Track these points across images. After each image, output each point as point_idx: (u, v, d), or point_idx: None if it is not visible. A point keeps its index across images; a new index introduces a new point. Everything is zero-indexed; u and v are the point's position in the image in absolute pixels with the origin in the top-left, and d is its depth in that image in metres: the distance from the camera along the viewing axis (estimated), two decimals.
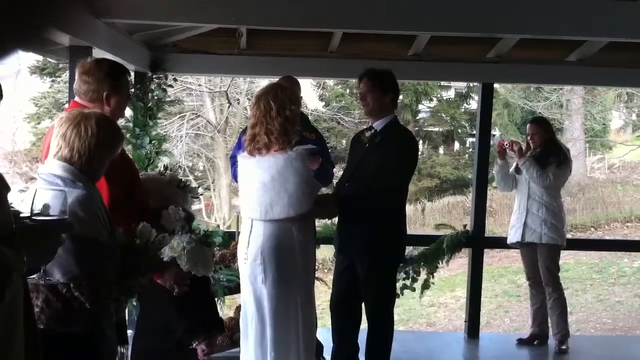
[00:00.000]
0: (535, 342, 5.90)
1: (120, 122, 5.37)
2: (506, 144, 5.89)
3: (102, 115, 2.76)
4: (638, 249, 10.60)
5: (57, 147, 2.64)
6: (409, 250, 5.86)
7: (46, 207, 2.17)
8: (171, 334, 3.35)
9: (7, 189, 2.03)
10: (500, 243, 6.13)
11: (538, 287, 5.90)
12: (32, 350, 2.08)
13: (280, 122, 3.77)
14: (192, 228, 3.34)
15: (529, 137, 5.87)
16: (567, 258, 12.73)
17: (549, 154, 5.71)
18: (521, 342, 5.96)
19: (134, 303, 4.94)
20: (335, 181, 5.21)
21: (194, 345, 3.40)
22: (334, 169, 5.16)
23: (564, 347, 5.75)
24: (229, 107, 16.87)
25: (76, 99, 3.27)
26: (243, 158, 3.95)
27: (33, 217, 2.15)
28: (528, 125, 5.99)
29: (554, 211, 5.74)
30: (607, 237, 15.71)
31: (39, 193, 2.21)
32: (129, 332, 5.51)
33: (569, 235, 14.70)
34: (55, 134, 2.67)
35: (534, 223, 5.73)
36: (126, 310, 5.31)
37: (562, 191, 5.98)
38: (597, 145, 22.70)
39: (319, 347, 5.04)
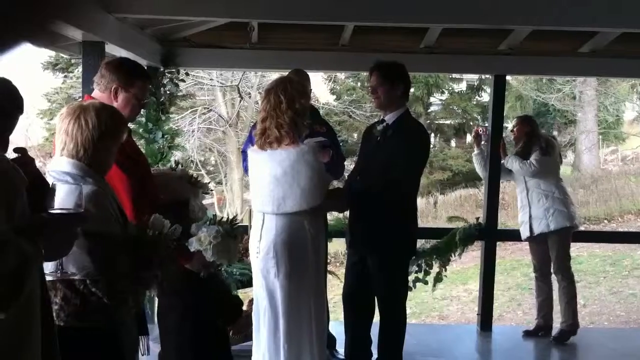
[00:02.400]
0: (540, 334, 5.94)
1: None
2: (481, 130, 6.09)
3: (100, 105, 2.76)
4: None
5: (62, 143, 2.65)
6: (422, 243, 5.87)
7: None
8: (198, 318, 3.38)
9: (24, 182, 2.05)
10: (513, 235, 6.13)
11: (545, 279, 5.97)
12: (48, 341, 2.10)
13: (290, 116, 3.77)
14: (216, 217, 3.39)
15: (512, 134, 6.05)
16: (580, 250, 12.70)
17: (530, 145, 5.85)
18: (527, 333, 6.01)
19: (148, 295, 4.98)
20: (346, 174, 5.21)
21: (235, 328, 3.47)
22: (345, 162, 5.16)
23: (563, 338, 5.74)
24: (240, 101, 16.89)
25: (93, 94, 3.30)
26: (253, 152, 3.95)
27: (49, 211, 2.16)
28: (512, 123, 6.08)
29: (555, 197, 5.81)
30: (621, 229, 15.62)
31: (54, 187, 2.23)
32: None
33: (582, 227, 14.64)
34: (58, 130, 2.68)
35: (538, 214, 5.80)
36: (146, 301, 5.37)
37: (561, 176, 6.10)
38: (610, 137, 22.58)
39: (332, 339, 5.06)
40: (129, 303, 2.67)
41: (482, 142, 6.09)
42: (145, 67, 5.50)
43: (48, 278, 2.37)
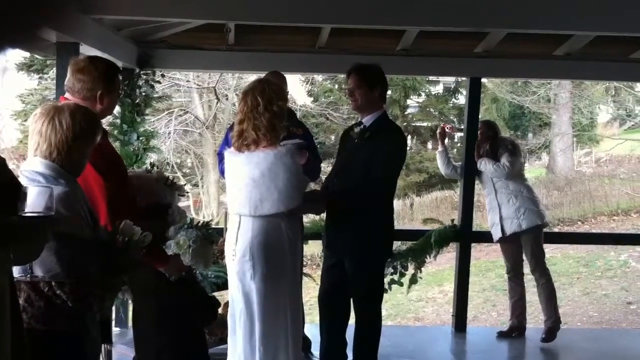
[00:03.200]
0: (514, 335, 6.00)
1: (108, 118, 5.39)
2: (448, 128, 6.24)
3: (75, 107, 2.74)
4: (625, 242, 10.67)
5: (35, 144, 2.63)
6: (397, 245, 5.89)
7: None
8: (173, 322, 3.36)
9: None
10: (487, 237, 6.17)
11: (518, 279, 6.04)
12: (18, 348, 2.07)
13: (267, 118, 3.77)
14: (194, 221, 3.37)
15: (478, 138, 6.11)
16: (554, 252, 12.82)
17: (497, 147, 5.95)
18: (501, 334, 6.06)
19: (121, 300, 4.94)
20: (323, 177, 5.21)
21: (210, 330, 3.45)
22: (322, 164, 5.16)
23: (552, 336, 5.81)
24: (217, 103, 16.83)
25: (67, 95, 3.26)
26: (230, 154, 3.94)
27: (20, 214, 2.14)
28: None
29: (524, 196, 5.90)
30: (594, 231, 15.79)
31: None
32: (116, 329, 5.54)
33: (556, 229, 14.76)
34: (31, 131, 2.65)
35: (509, 214, 5.87)
36: (113, 308, 5.32)
37: (528, 179, 6.26)
38: (584, 139, 22.79)
39: (307, 342, 5.06)
40: (93, 308, 2.64)
41: (447, 140, 6.23)
42: (121, 69, 5.47)
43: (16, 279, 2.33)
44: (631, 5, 4.86)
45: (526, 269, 6.08)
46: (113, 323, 5.47)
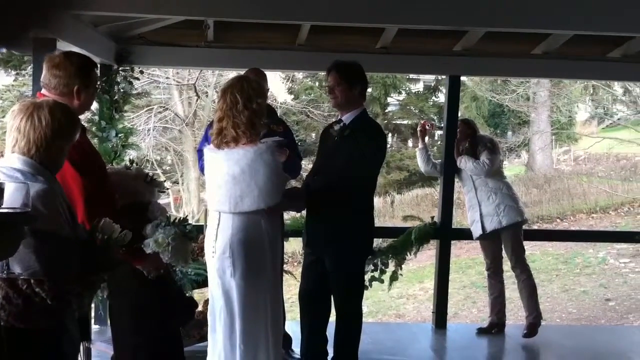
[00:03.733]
0: (494, 331, 6.04)
1: (86, 115, 5.35)
2: (428, 125, 6.24)
3: (54, 103, 2.71)
4: (603, 239, 10.81)
5: (13, 140, 2.60)
6: (378, 242, 5.90)
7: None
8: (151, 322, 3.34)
9: None
10: (467, 234, 6.20)
11: (497, 276, 6.08)
12: None
13: (247, 116, 3.76)
14: (171, 218, 3.35)
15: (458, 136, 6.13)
16: (533, 249, 12.92)
17: (476, 144, 5.98)
18: (480, 331, 6.09)
19: (100, 297, 4.91)
20: (304, 174, 5.21)
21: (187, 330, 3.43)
22: (303, 162, 5.16)
23: (533, 332, 5.86)
24: (197, 100, 16.76)
25: (43, 91, 3.23)
26: (210, 151, 3.92)
27: None
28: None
29: (504, 193, 5.95)
30: (573, 228, 15.93)
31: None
32: (96, 327, 5.51)
33: (535, 226, 14.88)
34: (9, 127, 2.62)
35: (489, 211, 5.91)
36: (92, 306, 5.29)
37: (507, 176, 6.30)
38: (563, 137, 22.98)
39: (288, 339, 5.06)
40: (72, 306, 2.62)
41: (427, 138, 6.24)
42: (98, 64, 5.43)
43: None
44: (608, 5, 4.91)
45: (506, 266, 6.12)
46: (92, 321, 5.45)
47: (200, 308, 5.23)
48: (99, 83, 5.33)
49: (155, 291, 3.27)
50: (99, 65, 5.28)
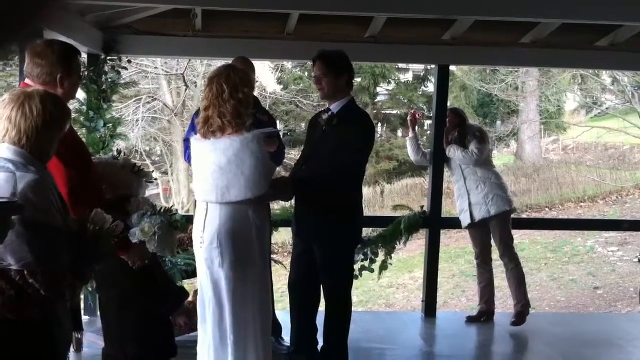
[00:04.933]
0: (482, 319, 6.06)
1: (74, 104, 5.32)
2: (418, 114, 6.24)
3: (45, 93, 2.70)
4: (591, 228, 10.86)
5: (3, 130, 2.58)
6: (368, 231, 5.91)
7: None
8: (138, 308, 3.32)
9: None
10: (456, 223, 6.22)
11: (486, 265, 6.10)
12: None
13: (232, 105, 3.74)
14: (156, 207, 3.33)
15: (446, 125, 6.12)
16: (522, 238, 12.98)
17: (465, 134, 5.99)
18: (470, 319, 6.12)
19: (89, 288, 4.90)
20: (292, 163, 5.20)
21: (175, 318, 3.42)
22: (292, 152, 5.15)
23: (521, 320, 5.89)
24: (185, 89, 16.70)
25: (27, 81, 3.21)
26: (196, 140, 3.90)
27: None
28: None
29: (492, 182, 5.96)
30: (561, 217, 16.01)
31: None
32: (85, 317, 5.50)
33: (524, 215, 14.92)
34: None
35: (478, 200, 5.93)
36: (82, 296, 5.27)
37: (496, 165, 6.31)
38: (551, 126, 23.06)
39: (278, 328, 5.06)
40: (65, 297, 2.62)
41: (416, 127, 6.24)
42: (86, 54, 5.40)
43: None
44: None
45: (494, 254, 6.14)
46: (82, 311, 5.44)
47: (190, 298, 5.24)
48: (85, 72, 5.30)
49: (141, 281, 3.26)
50: (84, 54, 5.26)
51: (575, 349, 5.55)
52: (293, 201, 4.69)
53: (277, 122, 5.39)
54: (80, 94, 5.53)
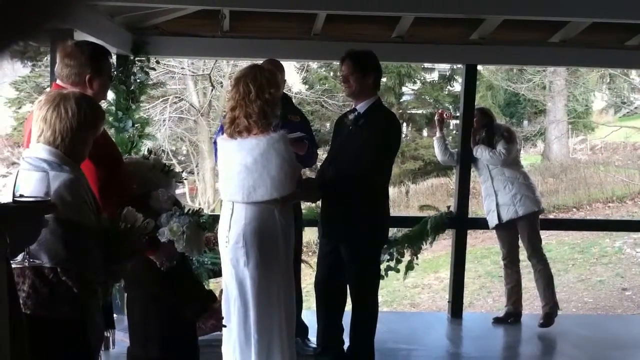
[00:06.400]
0: (510, 321, 6.02)
1: (103, 105, 5.36)
2: (446, 115, 6.24)
3: (80, 95, 2.74)
4: (619, 229, 10.69)
5: (39, 131, 2.63)
6: (393, 232, 5.90)
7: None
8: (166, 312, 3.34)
9: None
10: (483, 224, 6.18)
11: (514, 266, 6.06)
12: (17, 334, 2.07)
13: (259, 106, 3.75)
14: (185, 209, 3.35)
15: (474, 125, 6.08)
16: (549, 238, 12.85)
17: (493, 134, 5.95)
18: (497, 320, 6.08)
19: (117, 287, 4.94)
20: (319, 163, 5.21)
21: (201, 322, 3.43)
22: (318, 152, 5.15)
23: (550, 321, 5.84)
24: (212, 90, 16.79)
25: (58, 82, 3.25)
26: (223, 141, 3.92)
27: (15, 199, 2.14)
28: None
29: (521, 182, 5.92)
30: (589, 217, 15.83)
31: (21, 175, 2.20)
32: (115, 315, 5.54)
33: (551, 216, 14.77)
34: (35, 118, 2.65)
35: (506, 201, 5.88)
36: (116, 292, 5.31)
37: (524, 166, 6.24)
38: (579, 126, 22.82)
39: (304, 329, 5.07)
40: (97, 294, 2.65)
41: (444, 128, 6.22)
42: (115, 55, 5.45)
43: (15, 266, 2.33)
44: None
45: (522, 255, 6.10)
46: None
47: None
48: (115, 73, 5.36)
49: (168, 282, 3.27)
50: (114, 55, 5.31)
51: (603, 351, 5.50)
52: (319, 201, 4.69)
53: (310, 122, 5.38)
54: (110, 95, 5.59)
